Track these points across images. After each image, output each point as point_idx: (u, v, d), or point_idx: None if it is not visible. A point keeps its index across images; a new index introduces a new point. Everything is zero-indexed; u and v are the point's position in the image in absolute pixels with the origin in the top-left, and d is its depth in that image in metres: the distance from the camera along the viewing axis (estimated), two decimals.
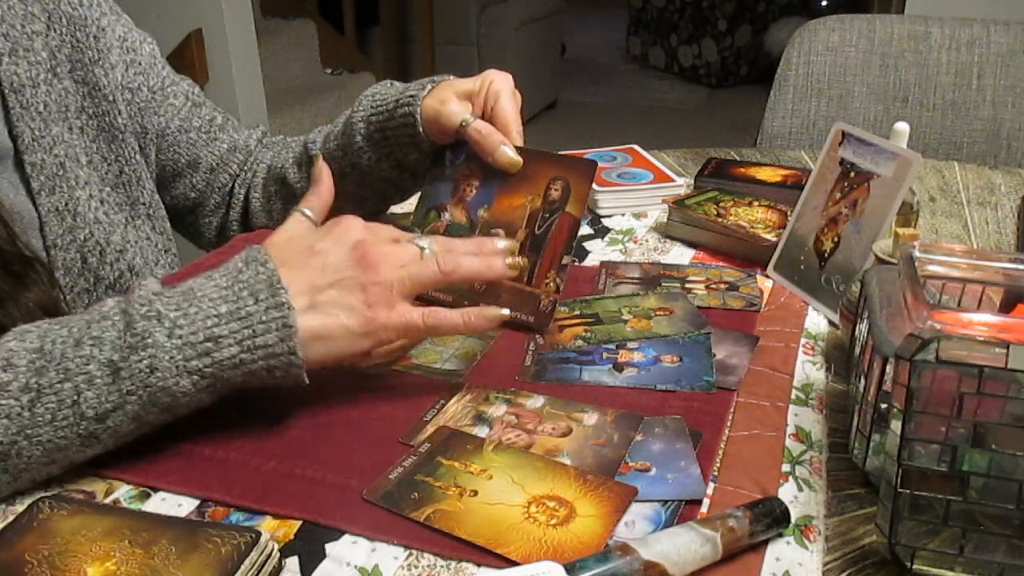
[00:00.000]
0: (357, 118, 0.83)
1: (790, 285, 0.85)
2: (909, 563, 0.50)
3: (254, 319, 0.57)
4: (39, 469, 0.56)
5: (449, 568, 0.51)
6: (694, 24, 4.80)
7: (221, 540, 0.50)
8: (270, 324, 0.57)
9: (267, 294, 0.58)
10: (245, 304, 0.57)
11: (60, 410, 0.55)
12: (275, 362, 0.58)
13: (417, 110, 0.78)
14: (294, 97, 3.15)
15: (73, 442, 0.56)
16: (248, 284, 0.58)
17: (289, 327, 0.57)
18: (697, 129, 4.21)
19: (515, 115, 0.78)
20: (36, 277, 0.73)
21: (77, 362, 0.55)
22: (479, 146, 0.77)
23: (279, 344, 0.57)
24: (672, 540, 0.50)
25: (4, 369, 0.55)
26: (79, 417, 0.55)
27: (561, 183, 0.76)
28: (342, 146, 0.85)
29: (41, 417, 0.55)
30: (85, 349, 0.56)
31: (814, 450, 0.62)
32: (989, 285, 0.62)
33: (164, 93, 0.90)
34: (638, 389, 0.68)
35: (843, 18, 1.50)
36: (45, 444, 0.55)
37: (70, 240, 0.79)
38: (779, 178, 1.06)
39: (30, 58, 0.78)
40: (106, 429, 0.56)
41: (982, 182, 1.14)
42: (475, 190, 0.80)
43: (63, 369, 0.55)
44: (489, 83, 0.78)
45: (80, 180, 0.81)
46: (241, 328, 0.57)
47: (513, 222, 0.77)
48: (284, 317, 0.57)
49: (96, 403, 0.55)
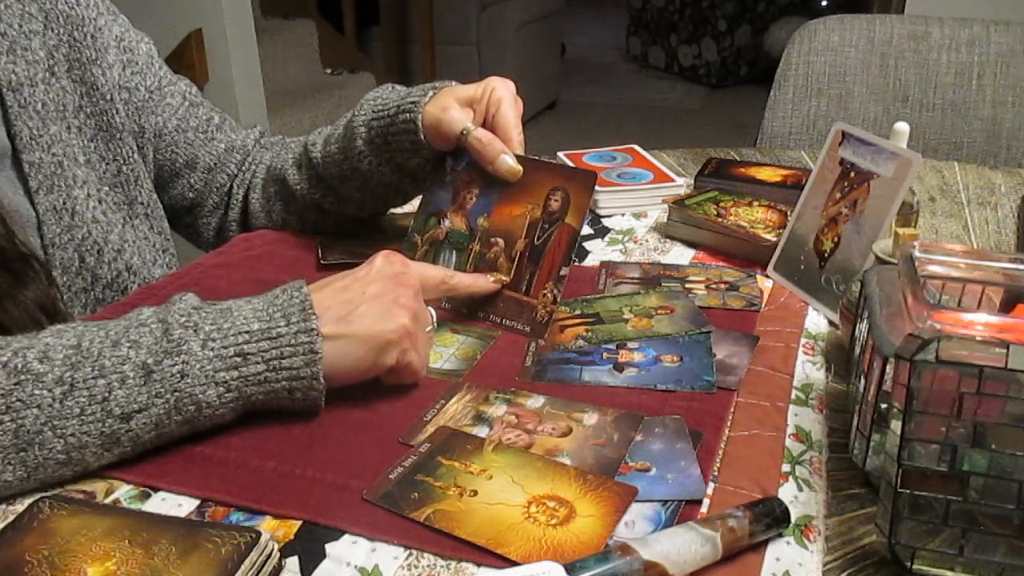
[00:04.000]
0: (358, 122, 0.83)
1: (790, 285, 0.85)
2: (909, 563, 0.50)
3: (283, 340, 0.60)
4: (54, 468, 0.56)
5: (449, 568, 0.51)
6: (694, 24, 4.80)
7: (221, 540, 0.50)
8: (298, 348, 0.60)
9: (299, 318, 0.60)
10: (277, 325, 0.60)
11: (90, 405, 0.56)
12: (297, 384, 0.60)
13: (418, 116, 0.78)
14: (294, 97, 3.15)
15: (94, 440, 0.56)
16: (282, 307, 0.61)
17: (315, 353, 0.60)
18: (697, 129, 4.21)
19: (516, 123, 0.78)
20: (34, 275, 0.73)
21: (113, 361, 0.57)
22: (479, 155, 0.77)
23: (304, 368, 0.60)
24: (672, 540, 0.50)
25: (40, 361, 0.56)
26: (106, 414, 0.56)
27: (561, 193, 0.76)
28: (343, 149, 0.85)
29: (70, 410, 0.56)
30: (122, 350, 0.57)
31: (814, 450, 0.62)
32: (989, 285, 0.62)
33: (161, 93, 0.90)
34: (638, 389, 0.68)
35: (843, 18, 1.50)
36: (68, 438, 0.56)
37: (68, 239, 0.79)
38: (779, 178, 1.06)
39: (28, 57, 0.78)
40: (128, 431, 0.57)
41: (982, 182, 1.14)
42: (475, 198, 0.80)
43: (99, 366, 0.57)
44: (491, 90, 0.78)
45: (78, 179, 0.81)
46: (270, 348, 0.59)
47: (512, 231, 0.77)
48: (311, 343, 0.60)
49: (125, 402, 0.56)
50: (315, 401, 0.62)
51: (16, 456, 0.55)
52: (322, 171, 0.87)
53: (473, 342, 0.75)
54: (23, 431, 0.55)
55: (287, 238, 0.93)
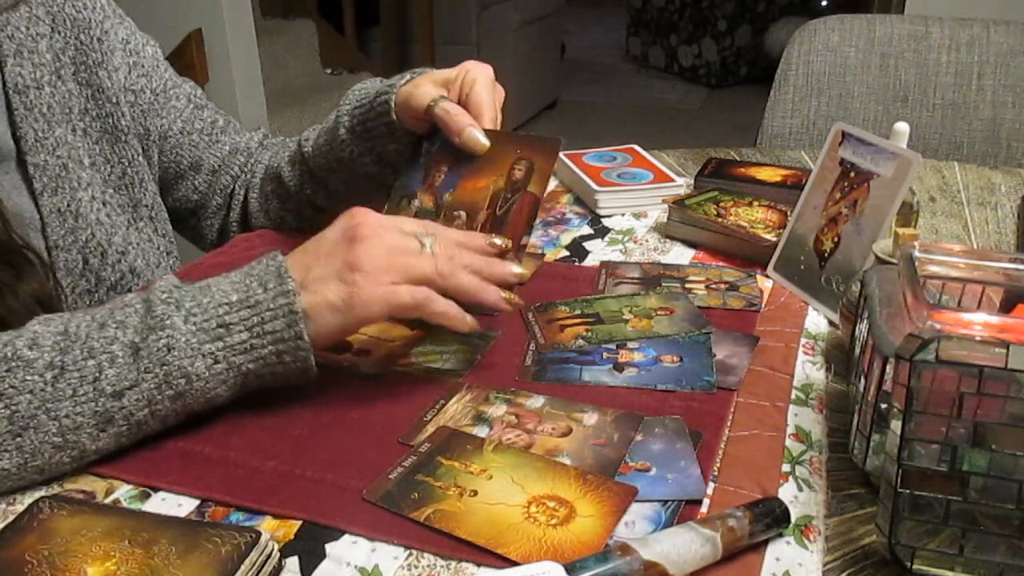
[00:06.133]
0: (343, 112, 0.83)
1: (790, 285, 0.85)
2: (909, 563, 0.50)
3: (262, 307, 0.60)
4: (51, 453, 0.57)
5: (449, 568, 0.51)
6: (694, 24, 4.80)
7: (221, 540, 0.50)
8: (277, 311, 0.60)
9: (275, 283, 0.61)
10: (255, 293, 0.61)
11: (81, 385, 0.57)
12: (283, 347, 0.61)
13: (392, 98, 0.78)
14: (294, 97, 3.15)
15: (88, 420, 0.57)
16: (258, 276, 0.62)
17: (295, 313, 0.60)
18: (697, 129, 4.21)
19: (489, 102, 0.77)
20: (32, 270, 0.73)
21: (102, 342, 0.58)
22: (446, 126, 0.76)
23: (287, 330, 0.60)
24: (672, 540, 0.50)
25: (30, 348, 0.57)
26: (98, 393, 0.57)
27: (525, 163, 0.75)
28: (329, 141, 0.85)
29: (62, 392, 0.56)
30: (109, 331, 0.59)
31: (814, 450, 0.62)
32: (989, 285, 0.62)
33: (167, 95, 0.90)
34: (638, 389, 0.68)
35: (843, 18, 1.50)
36: (62, 419, 0.56)
37: (72, 241, 0.80)
38: (779, 178, 1.06)
39: (34, 60, 0.78)
40: (121, 409, 0.57)
41: (982, 182, 1.14)
42: (444, 175, 0.79)
43: (88, 348, 0.58)
44: (466, 72, 0.78)
45: (82, 182, 0.81)
46: (251, 316, 0.60)
47: (476, 203, 0.76)
48: (290, 304, 0.60)
49: (116, 380, 0.57)
50: (305, 362, 0.62)
51: (12, 442, 0.55)
52: (312, 164, 0.87)
53: (473, 342, 0.75)
54: (17, 416, 0.55)
55: (287, 237, 0.93)
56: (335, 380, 0.68)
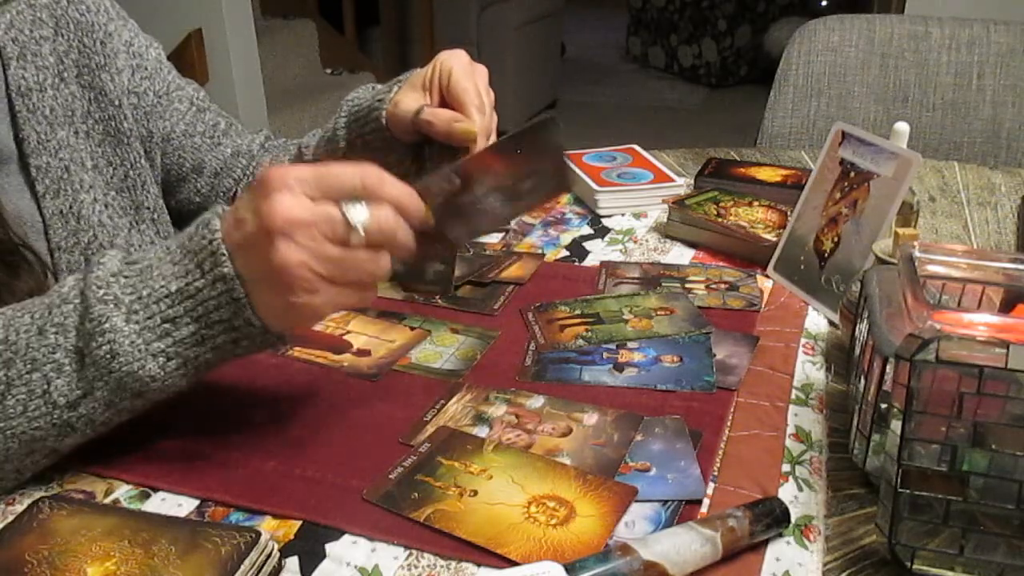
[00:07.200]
0: (340, 124, 0.83)
1: (790, 285, 0.85)
2: (909, 563, 0.50)
3: (203, 295, 0.55)
4: (21, 459, 0.56)
5: (449, 568, 0.51)
6: (694, 24, 4.80)
7: (221, 540, 0.50)
8: (220, 299, 0.55)
9: (210, 264, 0.54)
10: (194, 279, 0.55)
11: (31, 400, 0.55)
12: (237, 334, 0.56)
13: (383, 114, 0.78)
14: (294, 97, 3.15)
15: (49, 432, 0.55)
16: (195, 253, 0.55)
17: (238, 300, 0.54)
18: (697, 129, 4.21)
19: (471, 87, 0.74)
20: (28, 267, 0.73)
21: (43, 351, 0.55)
22: (434, 132, 0.74)
23: (235, 318, 0.55)
24: (672, 540, 0.50)
25: None
26: (51, 406, 0.55)
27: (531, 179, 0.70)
28: (329, 152, 0.85)
29: (13, 409, 0.54)
30: (49, 337, 0.55)
31: (814, 450, 0.62)
32: (989, 285, 0.62)
33: (169, 98, 0.90)
34: (638, 389, 0.68)
35: (843, 18, 1.50)
36: (20, 436, 0.55)
37: (74, 243, 0.80)
38: (779, 178, 1.06)
39: (37, 63, 0.79)
40: (80, 417, 0.56)
41: (982, 182, 1.14)
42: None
43: (30, 359, 0.55)
44: (440, 64, 0.77)
45: (85, 184, 0.81)
46: (195, 306, 0.55)
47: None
48: (231, 291, 0.54)
49: (67, 390, 0.55)
50: (269, 343, 0.57)
51: None
52: None
53: (473, 342, 0.75)
54: None
55: None
56: (335, 380, 0.68)
